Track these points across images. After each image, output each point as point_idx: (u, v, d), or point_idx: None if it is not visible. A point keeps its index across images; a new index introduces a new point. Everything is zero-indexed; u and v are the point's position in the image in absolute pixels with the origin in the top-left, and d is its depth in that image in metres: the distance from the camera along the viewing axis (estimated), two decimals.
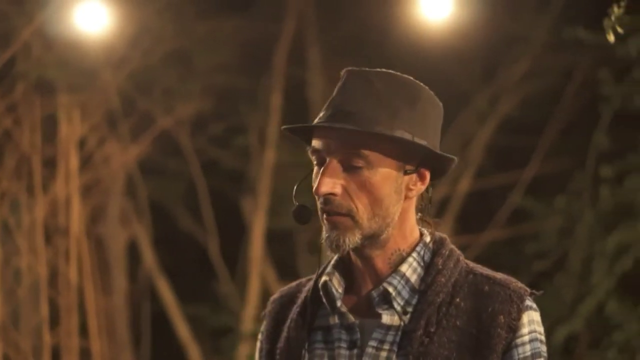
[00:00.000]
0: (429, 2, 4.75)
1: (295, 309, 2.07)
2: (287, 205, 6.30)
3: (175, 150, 5.97)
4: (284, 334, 2.06)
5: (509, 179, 5.88)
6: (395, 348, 1.93)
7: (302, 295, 2.09)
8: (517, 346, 1.93)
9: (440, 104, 2.04)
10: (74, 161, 4.85)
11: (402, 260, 1.98)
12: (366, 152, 1.92)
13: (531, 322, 1.95)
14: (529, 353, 1.93)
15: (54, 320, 4.72)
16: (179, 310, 5.96)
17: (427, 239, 2.02)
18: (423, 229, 2.04)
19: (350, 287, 2.03)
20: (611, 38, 2.88)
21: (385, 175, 1.93)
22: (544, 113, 5.88)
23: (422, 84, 2.02)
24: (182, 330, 5.94)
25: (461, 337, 1.92)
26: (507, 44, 5.88)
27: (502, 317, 1.92)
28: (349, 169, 1.93)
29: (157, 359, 5.91)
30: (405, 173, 1.95)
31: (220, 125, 6.06)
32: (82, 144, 5.13)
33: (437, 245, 2.01)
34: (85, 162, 5.23)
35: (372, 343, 1.95)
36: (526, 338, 1.93)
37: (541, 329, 1.97)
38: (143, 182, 5.86)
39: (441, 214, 6.01)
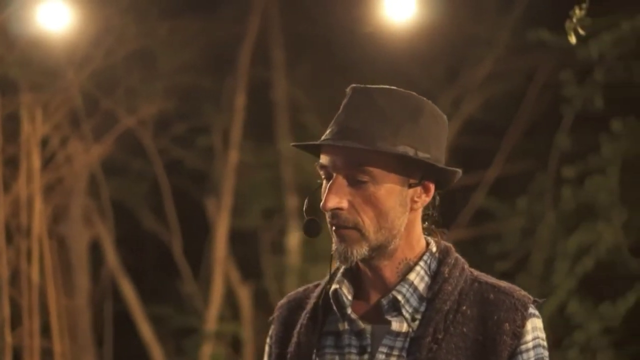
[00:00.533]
0: (392, 3, 4.76)
1: (305, 315, 2.12)
2: (250, 205, 6.32)
3: (138, 150, 5.95)
4: (294, 339, 2.11)
5: (472, 179, 5.91)
6: (404, 354, 2.00)
7: (311, 301, 2.15)
8: (521, 352, 2.00)
9: (444, 116, 2.09)
10: (36, 160, 4.81)
11: (410, 269, 2.05)
12: (370, 168, 1.98)
13: (534, 329, 2.02)
14: (532, 359, 2.00)
15: (16, 321, 4.68)
16: (142, 310, 5.94)
17: (434, 248, 2.09)
18: (429, 238, 2.11)
19: (358, 294, 2.09)
20: (573, 39, 2.91)
21: (389, 190, 2.00)
22: (506, 114, 5.91)
23: (424, 98, 2.07)
24: (145, 330, 5.92)
25: (468, 343, 1.99)
26: (470, 46, 5.91)
27: (507, 324, 1.99)
28: (355, 183, 2.00)
29: None
30: (410, 186, 2.02)
31: (184, 126, 6.05)
32: (44, 143, 5.09)
33: (443, 254, 2.09)
34: (48, 161, 5.20)
35: (382, 349, 2.01)
36: (530, 344, 2.00)
37: (544, 335, 2.04)
38: (106, 182, 5.83)
39: None
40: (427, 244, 2.10)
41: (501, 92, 6.07)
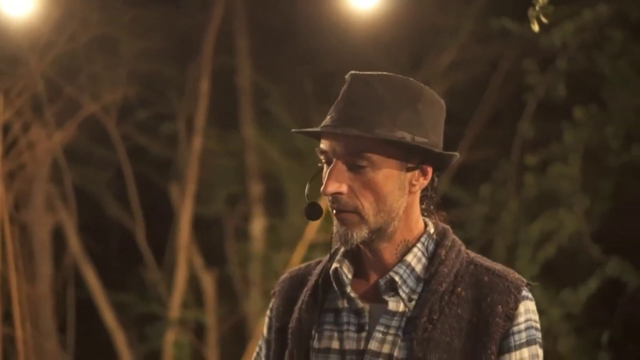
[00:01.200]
0: None
1: (306, 291, 2.19)
2: (214, 192, 6.31)
3: (101, 137, 5.92)
4: (295, 314, 2.18)
5: None
6: (400, 333, 2.06)
7: (313, 279, 2.21)
8: (513, 334, 2.05)
9: (442, 102, 2.14)
10: None
11: (408, 250, 2.12)
12: (369, 154, 2.04)
13: (527, 311, 2.07)
14: (524, 340, 2.06)
15: None
16: (105, 297, 5.92)
17: (431, 230, 2.15)
18: (427, 220, 2.17)
19: (358, 274, 2.16)
20: (535, 28, 2.93)
21: (388, 174, 2.05)
22: (470, 103, 5.93)
23: (422, 84, 2.12)
24: (108, 317, 5.91)
25: (462, 324, 2.05)
26: (434, 34, 5.93)
27: (500, 306, 2.05)
28: (354, 169, 2.06)
29: (83, 347, 5.86)
30: (408, 170, 2.08)
31: (148, 112, 6.03)
32: (6, 129, 5.06)
33: (440, 236, 2.15)
34: (10, 148, 5.16)
35: (379, 328, 2.08)
36: (522, 326, 2.06)
37: (536, 317, 2.10)
38: (69, 169, 5.80)
39: None
40: (426, 225, 2.16)
41: (464, 81, 6.10)
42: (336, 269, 2.14)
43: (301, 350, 2.15)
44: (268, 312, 2.28)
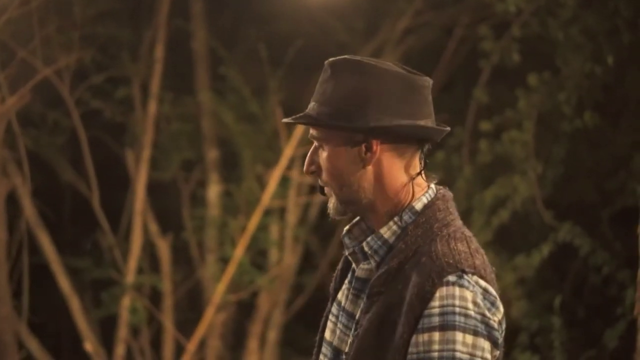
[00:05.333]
0: None
1: (344, 255, 2.38)
2: (170, 157, 6.29)
3: (55, 101, 5.87)
4: (339, 265, 2.42)
5: None
6: (363, 296, 2.23)
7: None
8: (424, 316, 2.08)
9: (407, 78, 2.22)
10: None
11: (389, 221, 2.23)
12: (320, 136, 2.24)
13: (447, 296, 2.08)
14: (436, 324, 2.07)
15: None
16: (60, 262, 5.90)
17: (419, 204, 2.22)
18: (424, 196, 2.24)
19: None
20: None
21: (336, 152, 2.21)
22: (424, 69, 5.93)
23: (383, 63, 2.22)
24: (63, 282, 5.89)
25: (393, 300, 2.13)
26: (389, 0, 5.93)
27: (416, 288, 2.10)
28: (318, 148, 2.26)
29: (37, 312, 5.84)
30: (354, 146, 2.20)
31: (102, 77, 5.99)
32: None
33: (421, 212, 2.22)
34: None
35: (354, 291, 2.28)
36: (435, 310, 2.07)
37: (468, 304, 2.08)
38: (22, 133, 5.75)
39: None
40: (414, 198, 2.23)
41: (419, 46, 6.11)
42: (343, 233, 2.33)
43: (333, 298, 2.38)
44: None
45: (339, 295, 2.34)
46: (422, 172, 2.26)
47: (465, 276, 2.10)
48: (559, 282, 5.54)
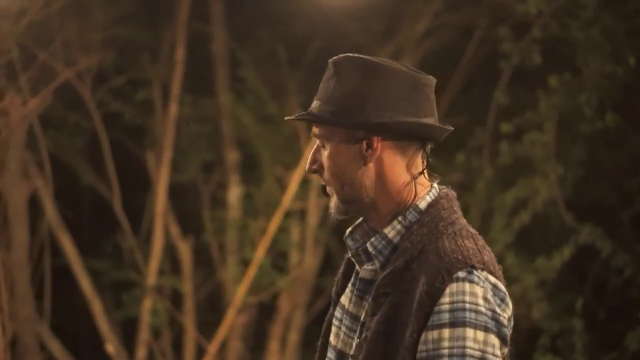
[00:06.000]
0: None
1: (346, 258, 2.39)
2: (190, 159, 6.31)
3: (76, 103, 5.90)
4: (341, 269, 2.40)
5: None
6: (368, 298, 2.21)
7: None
8: (434, 313, 2.05)
9: (410, 77, 2.23)
10: None
11: (393, 220, 2.21)
12: (322, 134, 2.22)
13: (457, 293, 2.06)
14: (446, 320, 2.04)
15: None
16: (81, 264, 5.92)
17: (421, 203, 2.21)
18: (428, 195, 2.23)
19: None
20: None
21: (337, 149, 2.20)
22: (443, 70, 5.94)
23: (386, 62, 2.22)
24: (85, 284, 5.91)
25: (402, 300, 2.11)
26: (408, 1, 5.92)
27: (426, 286, 2.07)
28: (322, 148, 2.24)
29: (59, 313, 5.87)
30: (355, 143, 2.19)
31: (123, 79, 6.02)
32: None
33: (425, 211, 2.20)
34: None
35: (357, 293, 2.26)
36: (445, 307, 2.05)
37: (479, 300, 2.06)
38: (44, 135, 5.78)
39: None
40: (417, 197, 2.22)
41: (439, 48, 6.10)
42: (345, 238, 2.31)
43: (335, 302, 2.35)
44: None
45: (342, 299, 2.32)
46: (425, 171, 2.24)
47: (475, 272, 2.08)
48: (579, 284, 5.53)
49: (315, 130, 2.24)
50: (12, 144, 5.62)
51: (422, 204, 2.20)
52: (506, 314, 2.10)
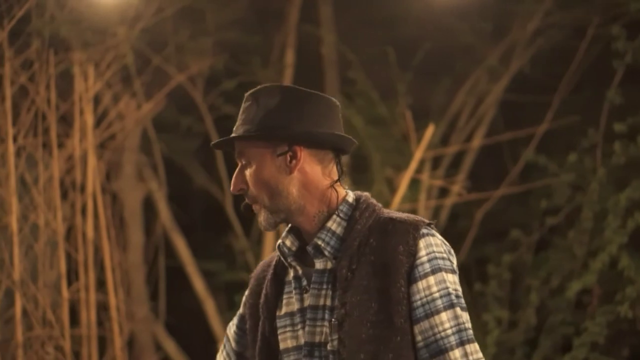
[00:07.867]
0: None
1: (270, 270, 2.61)
2: None
3: (189, 107, 5.99)
4: (264, 290, 2.60)
5: (521, 135, 5.90)
6: (329, 287, 2.45)
7: (275, 259, 2.63)
8: (416, 266, 2.40)
9: (325, 98, 2.52)
10: (89, 118, 4.88)
11: (329, 218, 2.49)
12: (245, 152, 2.48)
13: (428, 245, 2.43)
14: (428, 270, 2.41)
15: (72, 276, 4.77)
16: (195, 265, 6.00)
17: (350, 198, 2.52)
18: (350, 192, 2.53)
19: (302, 245, 2.55)
20: None
21: (262, 164, 2.46)
22: (555, 70, 5.87)
23: (300, 87, 2.50)
24: (198, 284, 5.99)
25: (376, 268, 2.40)
26: (519, 1, 5.87)
27: (401, 246, 2.40)
28: (245, 167, 2.49)
29: (173, 313, 5.97)
30: (279, 156, 2.46)
31: (234, 82, 6.09)
32: (96, 100, 5.15)
33: (357, 201, 2.52)
34: (100, 118, 5.26)
35: (314, 286, 2.48)
36: (424, 258, 2.41)
37: (441, 248, 2.45)
38: (158, 138, 5.89)
39: (454, 170, 6.05)
40: (345, 194, 2.52)
41: (550, 47, 6.03)
42: (279, 244, 2.54)
43: (270, 318, 2.56)
44: (246, 292, 2.69)
45: (286, 307, 2.54)
46: (340, 180, 2.52)
47: (430, 228, 2.46)
48: None
49: (239, 149, 2.47)
50: (127, 147, 5.75)
51: (350, 199, 2.51)
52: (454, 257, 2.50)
